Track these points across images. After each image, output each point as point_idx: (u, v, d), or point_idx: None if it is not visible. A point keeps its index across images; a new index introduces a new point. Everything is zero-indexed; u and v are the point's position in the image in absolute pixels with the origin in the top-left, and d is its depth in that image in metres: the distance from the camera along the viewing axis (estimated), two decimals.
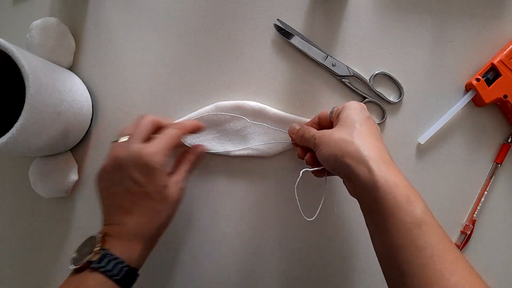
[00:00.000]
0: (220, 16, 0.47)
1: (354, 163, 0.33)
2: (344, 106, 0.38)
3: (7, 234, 0.50)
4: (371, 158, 0.32)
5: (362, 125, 0.36)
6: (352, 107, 0.37)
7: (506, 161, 0.46)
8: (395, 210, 0.30)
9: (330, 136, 0.36)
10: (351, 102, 0.38)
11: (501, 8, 0.46)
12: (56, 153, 0.47)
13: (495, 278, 0.47)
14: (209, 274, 0.48)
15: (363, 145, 0.33)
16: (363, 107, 0.38)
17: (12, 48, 0.35)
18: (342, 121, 0.37)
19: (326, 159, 0.36)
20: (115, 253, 0.34)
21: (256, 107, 0.45)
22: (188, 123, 0.43)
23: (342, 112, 0.38)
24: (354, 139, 0.34)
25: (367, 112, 0.38)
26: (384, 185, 0.31)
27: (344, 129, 0.36)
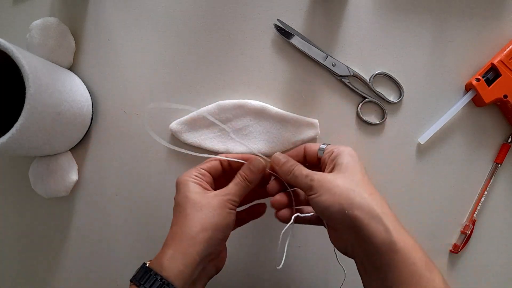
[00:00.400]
0: (220, 16, 0.47)
1: (367, 218, 0.30)
2: (341, 151, 0.36)
3: (7, 234, 0.50)
4: (385, 214, 0.30)
5: (364, 176, 0.34)
6: (350, 154, 0.36)
7: (506, 161, 0.46)
8: (415, 277, 0.28)
9: (333, 183, 0.33)
10: (347, 148, 0.37)
11: (501, 8, 0.46)
12: (56, 153, 0.47)
13: (495, 278, 0.47)
14: None
15: (373, 199, 0.31)
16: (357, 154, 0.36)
17: (12, 48, 0.35)
18: (342, 167, 0.34)
19: (327, 208, 0.32)
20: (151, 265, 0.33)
21: (258, 106, 0.45)
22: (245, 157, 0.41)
23: (339, 157, 0.36)
24: (362, 191, 0.32)
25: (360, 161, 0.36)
26: (403, 248, 0.29)
27: (348, 177, 0.33)
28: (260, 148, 0.46)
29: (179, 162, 0.47)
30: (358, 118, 0.47)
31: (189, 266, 0.33)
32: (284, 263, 0.47)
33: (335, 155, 0.36)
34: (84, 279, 0.49)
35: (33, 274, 0.50)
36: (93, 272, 0.49)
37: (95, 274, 0.49)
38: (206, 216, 0.34)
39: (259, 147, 0.46)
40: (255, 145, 0.46)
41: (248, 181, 0.38)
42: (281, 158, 0.39)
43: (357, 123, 0.47)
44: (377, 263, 0.30)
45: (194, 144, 0.46)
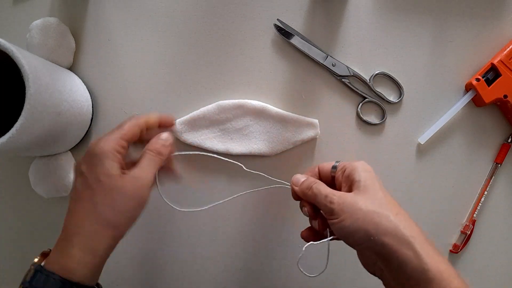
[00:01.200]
0: (220, 16, 0.47)
1: (396, 244, 0.28)
2: (354, 166, 0.33)
3: (7, 234, 0.50)
4: (415, 238, 0.28)
5: (386, 193, 0.31)
6: (364, 169, 0.33)
7: (506, 161, 0.46)
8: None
9: (356, 206, 0.30)
10: (360, 163, 0.34)
11: (501, 8, 0.46)
12: (56, 153, 0.47)
13: (495, 278, 0.47)
14: (209, 274, 0.48)
15: (400, 221, 0.29)
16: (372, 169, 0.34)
17: (12, 48, 0.35)
18: (362, 186, 0.31)
19: (351, 234, 0.30)
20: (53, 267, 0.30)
21: (258, 106, 0.45)
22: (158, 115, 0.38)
23: (354, 173, 0.33)
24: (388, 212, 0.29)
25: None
26: (438, 276, 0.27)
27: (369, 198, 0.31)
28: (260, 148, 0.46)
29: (179, 161, 0.47)
30: (358, 118, 0.47)
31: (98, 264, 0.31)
32: (283, 263, 0.47)
33: (348, 172, 0.34)
34: None
35: None
36: None
37: None
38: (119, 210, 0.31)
39: (259, 147, 0.46)
40: (255, 145, 0.46)
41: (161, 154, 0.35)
42: (300, 177, 0.37)
43: (357, 123, 0.47)
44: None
45: (194, 144, 0.46)
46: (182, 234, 0.48)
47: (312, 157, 0.47)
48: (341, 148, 0.47)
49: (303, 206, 0.36)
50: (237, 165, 0.47)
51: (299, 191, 0.36)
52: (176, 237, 0.48)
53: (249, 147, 0.46)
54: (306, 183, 0.35)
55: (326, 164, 0.37)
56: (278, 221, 0.47)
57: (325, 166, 0.37)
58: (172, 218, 0.48)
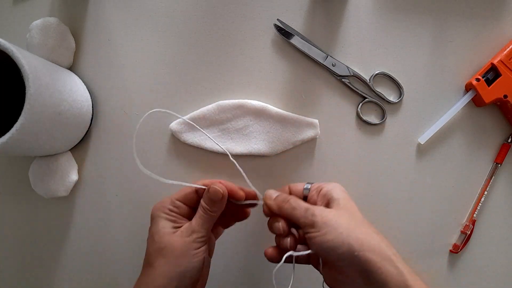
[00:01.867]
0: (220, 16, 0.47)
1: (380, 261, 0.28)
2: (331, 186, 0.35)
3: (7, 234, 0.50)
4: (395, 256, 0.29)
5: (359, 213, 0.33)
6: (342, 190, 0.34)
7: (506, 161, 0.46)
8: None
9: (338, 220, 0.30)
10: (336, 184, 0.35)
11: (501, 8, 0.46)
12: (56, 153, 0.47)
13: (495, 278, 0.47)
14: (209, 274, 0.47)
15: (381, 240, 0.30)
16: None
17: (12, 48, 0.35)
18: (340, 204, 0.32)
19: (334, 248, 0.30)
20: None
21: (258, 105, 0.45)
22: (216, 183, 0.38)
23: (331, 192, 0.34)
24: (370, 231, 0.30)
25: None
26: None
27: (350, 215, 0.31)
28: (260, 148, 0.46)
29: (179, 162, 0.47)
30: (358, 118, 0.47)
31: None
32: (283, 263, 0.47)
33: (325, 191, 0.34)
34: (84, 279, 0.49)
35: (33, 274, 0.50)
36: (93, 272, 0.49)
37: (95, 274, 0.49)
38: (170, 264, 0.33)
39: (259, 147, 0.46)
40: (255, 145, 0.46)
41: (211, 211, 0.35)
42: (273, 192, 0.37)
43: (357, 123, 0.47)
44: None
45: (194, 144, 0.46)
46: None
47: (312, 157, 0.47)
48: (341, 148, 0.47)
49: (276, 222, 0.35)
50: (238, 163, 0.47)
51: (274, 205, 0.35)
52: None
53: (249, 147, 0.46)
54: (282, 197, 0.35)
55: (298, 184, 0.38)
56: None
57: (297, 186, 0.38)
58: None
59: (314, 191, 0.36)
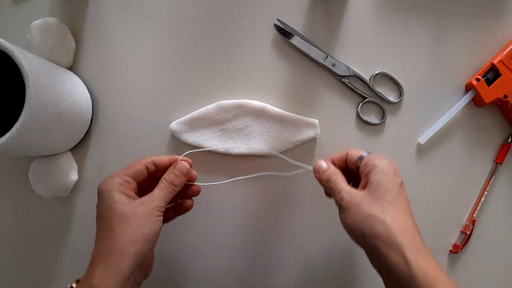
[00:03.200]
0: (220, 16, 0.47)
1: (386, 248, 0.29)
2: (375, 165, 0.34)
3: (7, 234, 0.50)
4: (406, 245, 0.29)
5: (395, 197, 0.32)
6: (384, 170, 0.34)
7: (506, 161, 0.46)
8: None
9: (359, 207, 0.32)
10: (384, 162, 0.34)
11: (501, 8, 0.46)
12: (56, 153, 0.47)
13: (495, 278, 0.47)
14: (209, 274, 0.48)
15: (396, 227, 0.30)
16: (395, 170, 0.34)
17: (12, 48, 0.35)
18: (372, 187, 0.33)
19: (351, 232, 0.33)
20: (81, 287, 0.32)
21: (258, 106, 0.45)
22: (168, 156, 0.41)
23: (372, 173, 0.34)
24: (386, 218, 0.31)
25: (399, 176, 0.34)
26: (424, 281, 0.28)
27: (374, 200, 0.32)
28: (260, 148, 0.46)
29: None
30: (358, 118, 0.47)
31: (120, 282, 0.32)
32: (283, 263, 0.47)
33: (368, 170, 0.35)
34: None
35: (33, 274, 0.50)
36: None
37: None
38: (133, 229, 0.34)
39: (259, 147, 0.46)
40: (255, 145, 0.46)
41: (174, 185, 0.38)
42: (322, 165, 0.38)
43: (357, 123, 0.47)
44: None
45: (194, 144, 0.46)
46: (182, 234, 0.48)
47: (312, 157, 0.47)
48: (341, 148, 0.46)
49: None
50: (237, 164, 0.47)
51: (319, 180, 0.38)
52: (176, 237, 0.48)
53: (249, 147, 0.46)
54: (326, 175, 0.37)
55: (355, 152, 0.38)
56: (279, 221, 0.47)
57: (353, 154, 0.38)
58: None
59: (363, 166, 0.36)
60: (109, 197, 0.35)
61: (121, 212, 0.34)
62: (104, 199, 0.35)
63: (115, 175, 0.37)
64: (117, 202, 0.35)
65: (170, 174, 0.38)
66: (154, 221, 0.35)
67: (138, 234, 0.34)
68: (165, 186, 0.38)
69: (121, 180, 0.36)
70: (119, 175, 0.37)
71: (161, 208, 0.36)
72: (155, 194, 0.37)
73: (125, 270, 0.32)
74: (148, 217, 0.35)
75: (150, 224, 0.35)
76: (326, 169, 0.38)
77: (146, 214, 0.35)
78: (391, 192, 0.32)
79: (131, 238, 0.33)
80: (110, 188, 0.36)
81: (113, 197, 0.35)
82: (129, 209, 0.35)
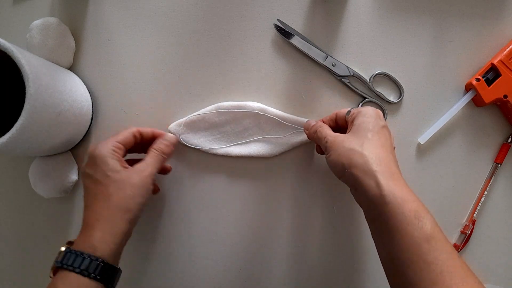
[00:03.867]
0: (220, 16, 0.47)
1: (362, 175, 0.33)
2: (360, 111, 0.38)
3: (7, 234, 0.50)
4: (379, 171, 0.33)
5: (375, 135, 0.35)
6: (367, 114, 0.37)
7: (506, 161, 0.46)
8: (404, 225, 0.30)
9: (341, 144, 0.36)
10: (368, 108, 0.38)
11: (501, 8, 0.46)
12: (56, 153, 0.47)
13: (495, 278, 0.47)
14: (209, 274, 0.48)
15: (372, 157, 0.33)
16: (379, 115, 0.38)
17: (12, 48, 0.35)
18: (355, 128, 0.37)
19: (334, 166, 0.36)
20: (79, 248, 0.34)
21: (257, 107, 0.45)
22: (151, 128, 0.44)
23: (357, 117, 0.37)
24: (364, 150, 0.34)
25: (382, 120, 0.37)
26: (393, 200, 0.31)
27: (356, 137, 0.35)
28: (259, 149, 0.46)
29: (179, 161, 0.47)
30: None
31: (118, 243, 0.35)
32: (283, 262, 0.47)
33: (353, 116, 0.38)
34: None
35: (33, 274, 0.50)
36: None
37: None
38: (129, 196, 0.36)
39: (259, 149, 0.46)
40: (254, 146, 0.46)
41: (164, 153, 0.41)
42: (311, 122, 0.42)
43: None
44: (372, 215, 0.34)
45: (193, 146, 0.46)
46: (181, 234, 0.48)
47: (311, 158, 0.47)
48: None
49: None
50: (237, 165, 0.47)
51: (308, 135, 0.42)
52: (175, 237, 0.48)
53: (249, 149, 0.46)
54: (314, 127, 0.41)
55: (343, 110, 0.41)
56: (279, 221, 0.47)
57: (342, 111, 0.41)
58: (172, 218, 0.48)
59: (350, 116, 0.39)
60: (104, 163, 0.37)
61: (118, 179, 0.36)
62: (99, 164, 0.37)
63: (107, 141, 0.39)
64: (113, 169, 0.37)
65: (159, 144, 0.41)
66: (147, 190, 0.38)
67: (133, 202, 0.37)
68: (156, 155, 0.40)
69: (114, 146, 0.38)
70: (110, 142, 0.39)
71: (153, 176, 0.39)
72: (148, 163, 0.39)
73: (121, 233, 0.36)
74: (143, 186, 0.38)
75: (144, 193, 0.38)
76: (314, 124, 0.41)
77: (141, 183, 0.37)
78: (371, 131, 0.36)
79: (128, 206, 0.36)
80: (104, 153, 0.37)
81: (108, 164, 0.37)
82: (124, 176, 0.37)
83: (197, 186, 0.47)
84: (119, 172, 0.37)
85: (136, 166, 0.39)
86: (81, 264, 0.33)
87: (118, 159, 0.38)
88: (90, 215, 0.36)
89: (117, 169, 0.37)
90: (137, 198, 0.37)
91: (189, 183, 0.47)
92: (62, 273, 0.33)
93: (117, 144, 0.39)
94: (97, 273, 0.33)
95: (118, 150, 0.39)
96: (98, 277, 0.33)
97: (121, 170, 0.37)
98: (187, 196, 0.47)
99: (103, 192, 0.36)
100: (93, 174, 0.37)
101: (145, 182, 0.38)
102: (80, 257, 0.33)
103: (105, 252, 0.34)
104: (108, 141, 0.39)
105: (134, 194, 0.37)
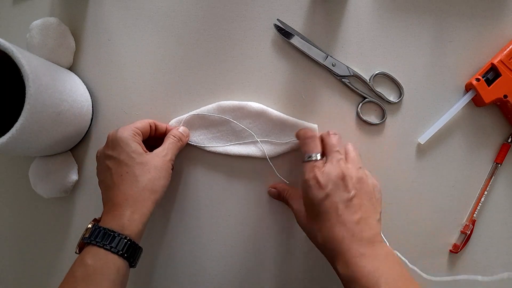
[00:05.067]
0: (220, 16, 0.47)
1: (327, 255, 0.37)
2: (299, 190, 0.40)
3: (7, 234, 0.50)
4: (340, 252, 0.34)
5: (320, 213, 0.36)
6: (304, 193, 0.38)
7: (506, 161, 0.46)
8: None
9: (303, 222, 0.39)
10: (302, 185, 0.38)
11: (501, 8, 0.46)
12: (56, 153, 0.47)
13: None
14: (208, 274, 0.48)
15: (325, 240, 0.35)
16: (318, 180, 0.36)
17: (12, 48, 0.35)
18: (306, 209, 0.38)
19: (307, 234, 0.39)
20: (107, 226, 0.35)
21: (258, 108, 0.45)
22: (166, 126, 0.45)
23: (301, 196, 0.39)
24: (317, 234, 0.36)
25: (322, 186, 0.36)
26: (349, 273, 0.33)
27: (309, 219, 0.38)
28: (259, 150, 0.46)
29: (178, 161, 0.47)
30: (358, 118, 0.47)
31: (144, 223, 0.37)
32: (283, 263, 0.47)
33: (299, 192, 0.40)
34: None
35: (33, 274, 0.50)
36: None
37: None
38: (155, 178, 0.38)
39: (258, 149, 0.46)
40: (254, 147, 0.46)
41: (181, 141, 0.43)
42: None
43: (357, 123, 0.47)
44: None
45: (193, 143, 0.46)
46: (181, 234, 0.48)
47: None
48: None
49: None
50: (237, 164, 0.47)
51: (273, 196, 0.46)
52: (175, 237, 0.48)
53: (248, 149, 0.46)
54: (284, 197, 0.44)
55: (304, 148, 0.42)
56: (278, 221, 0.47)
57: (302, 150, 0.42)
58: (171, 218, 0.48)
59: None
60: (127, 145, 0.38)
61: (142, 161, 0.38)
62: (123, 146, 0.38)
63: (128, 127, 0.40)
64: (136, 151, 0.38)
65: (176, 132, 0.44)
66: (169, 174, 0.40)
67: (158, 184, 0.39)
68: (174, 141, 0.42)
69: (133, 132, 0.40)
70: (130, 127, 0.40)
71: (173, 162, 0.41)
72: (167, 147, 0.41)
73: (148, 213, 0.38)
74: (165, 169, 0.40)
75: (167, 176, 0.40)
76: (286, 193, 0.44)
77: (164, 166, 0.39)
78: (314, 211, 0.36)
79: (154, 188, 0.38)
80: (127, 136, 0.39)
81: (132, 146, 0.38)
82: (148, 158, 0.39)
83: (196, 185, 0.47)
84: (142, 155, 0.38)
85: (156, 151, 0.40)
86: (110, 241, 0.34)
87: (139, 143, 0.40)
88: (117, 195, 0.37)
89: (140, 152, 0.39)
90: (162, 180, 0.39)
91: (188, 181, 0.47)
92: (90, 248, 0.35)
93: (136, 129, 0.40)
94: (125, 251, 0.35)
95: (137, 135, 0.40)
96: (126, 254, 0.35)
97: (143, 153, 0.39)
98: (187, 196, 0.47)
99: (128, 173, 0.37)
100: (116, 156, 0.38)
101: (167, 166, 0.40)
102: (109, 234, 0.35)
103: (133, 232, 0.36)
104: (128, 127, 0.40)
105: (159, 176, 0.38)
